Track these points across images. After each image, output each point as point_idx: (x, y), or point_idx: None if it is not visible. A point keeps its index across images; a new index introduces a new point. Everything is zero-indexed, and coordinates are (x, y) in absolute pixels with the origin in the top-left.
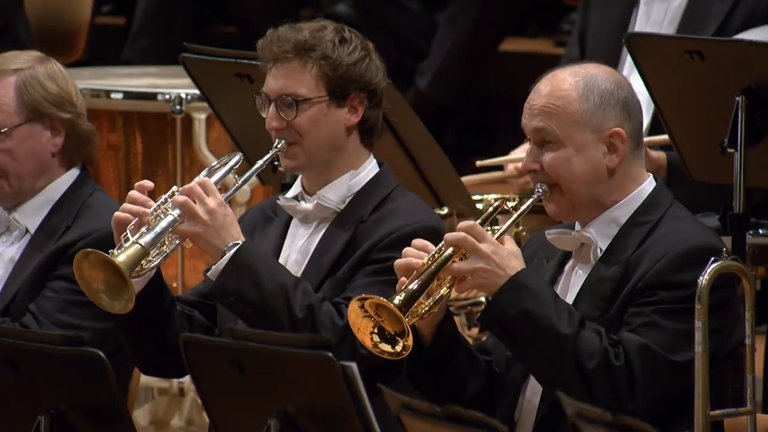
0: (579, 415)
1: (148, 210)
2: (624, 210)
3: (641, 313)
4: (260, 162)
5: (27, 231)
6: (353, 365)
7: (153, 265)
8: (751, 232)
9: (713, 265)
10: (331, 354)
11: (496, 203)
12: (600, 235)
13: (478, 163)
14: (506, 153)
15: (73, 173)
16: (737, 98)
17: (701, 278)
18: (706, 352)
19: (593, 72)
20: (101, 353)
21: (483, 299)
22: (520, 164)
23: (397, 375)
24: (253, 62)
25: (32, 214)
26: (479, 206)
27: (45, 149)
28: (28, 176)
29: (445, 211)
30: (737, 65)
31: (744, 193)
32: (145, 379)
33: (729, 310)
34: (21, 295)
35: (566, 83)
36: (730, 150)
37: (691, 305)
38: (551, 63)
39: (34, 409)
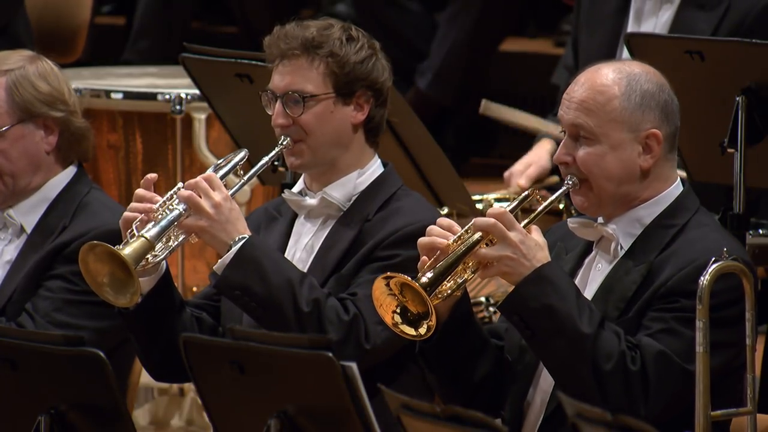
0: (579, 415)
1: (154, 206)
2: (649, 210)
3: (661, 318)
4: (266, 158)
5: (23, 230)
6: (353, 365)
7: (159, 259)
8: (751, 232)
9: (714, 265)
10: (331, 354)
11: (527, 191)
12: (622, 233)
13: (483, 106)
14: (506, 154)
15: (70, 171)
16: (737, 98)
17: (702, 278)
18: (707, 353)
19: (637, 71)
20: (101, 353)
21: (482, 299)
22: (523, 181)
23: (398, 375)
24: (253, 62)
25: (28, 213)
26: (479, 206)
27: (39, 148)
28: (23, 175)
29: (446, 211)
30: (737, 65)
31: (744, 193)
32: (145, 379)
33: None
34: (17, 295)
35: (609, 79)
36: (730, 150)
37: (712, 316)
38: (551, 63)
39: (34, 409)
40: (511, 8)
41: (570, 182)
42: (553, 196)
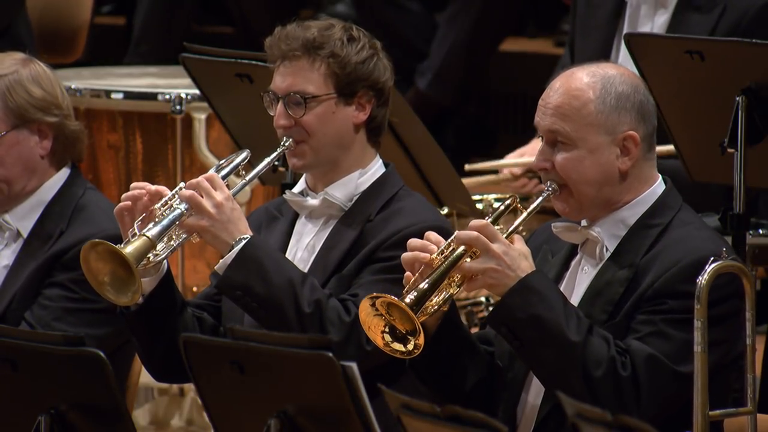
0: (579, 414)
1: (146, 192)
2: (633, 211)
3: (650, 321)
4: (268, 159)
5: (20, 235)
6: (353, 365)
7: (160, 258)
8: (751, 232)
9: (713, 265)
10: (331, 354)
11: (508, 201)
12: (607, 235)
13: (468, 167)
14: (506, 154)
15: (64, 173)
16: (737, 98)
17: (700, 278)
18: (704, 352)
19: (611, 73)
20: (101, 353)
21: (483, 299)
22: (515, 168)
23: (399, 376)
24: (253, 62)
25: (24, 217)
26: (479, 206)
27: (33, 153)
28: (18, 181)
29: (446, 211)
30: (737, 65)
31: (744, 193)
32: (145, 379)
33: (739, 319)
34: (16, 303)
35: (583, 83)
36: (730, 150)
37: None
38: (551, 63)
39: (34, 409)
40: (511, 8)
41: (550, 188)
42: (534, 204)
